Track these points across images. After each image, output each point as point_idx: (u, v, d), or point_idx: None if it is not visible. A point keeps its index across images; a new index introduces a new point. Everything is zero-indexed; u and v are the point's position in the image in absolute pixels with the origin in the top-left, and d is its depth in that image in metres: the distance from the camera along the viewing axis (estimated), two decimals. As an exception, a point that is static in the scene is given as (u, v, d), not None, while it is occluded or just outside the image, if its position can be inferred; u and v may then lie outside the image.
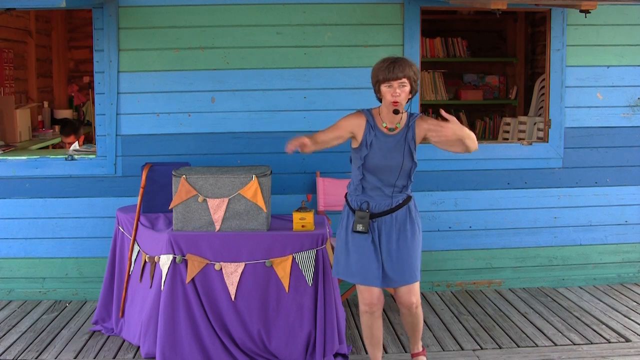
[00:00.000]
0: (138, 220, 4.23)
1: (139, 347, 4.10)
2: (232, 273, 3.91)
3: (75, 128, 6.43)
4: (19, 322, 4.65)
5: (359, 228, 3.51)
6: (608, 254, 5.38)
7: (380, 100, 3.52)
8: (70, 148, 5.33)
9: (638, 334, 4.38)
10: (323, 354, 3.89)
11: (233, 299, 3.92)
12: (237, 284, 3.90)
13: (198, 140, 4.99)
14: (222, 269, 3.91)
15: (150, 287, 4.03)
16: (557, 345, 4.22)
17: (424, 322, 4.28)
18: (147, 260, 4.08)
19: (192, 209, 3.97)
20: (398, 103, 3.40)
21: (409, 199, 3.59)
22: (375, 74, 3.45)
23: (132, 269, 4.27)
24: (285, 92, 5.00)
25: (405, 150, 3.50)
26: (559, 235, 5.32)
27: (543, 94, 5.89)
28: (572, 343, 4.25)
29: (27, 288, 5.08)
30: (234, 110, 4.98)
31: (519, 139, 6.32)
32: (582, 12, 4.53)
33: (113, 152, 4.95)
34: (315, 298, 3.92)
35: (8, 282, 5.07)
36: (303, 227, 3.98)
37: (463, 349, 4.18)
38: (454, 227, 5.22)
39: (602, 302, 5.01)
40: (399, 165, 3.50)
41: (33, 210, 5.00)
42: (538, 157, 5.23)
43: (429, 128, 3.46)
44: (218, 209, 3.95)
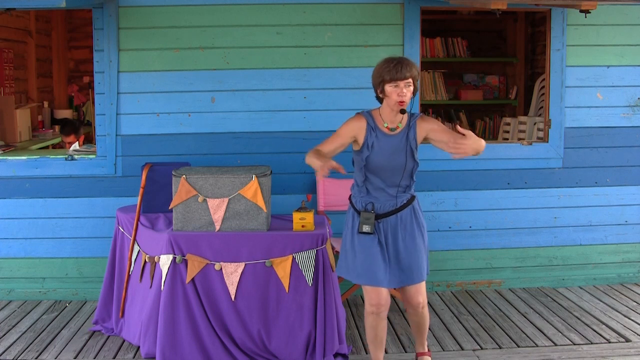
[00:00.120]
0: (138, 220, 4.23)
1: (139, 347, 4.10)
2: (232, 273, 3.90)
3: (76, 128, 6.43)
4: (19, 322, 4.65)
5: (365, 229, 3.50)
6: (608, 254, 5.38)
7: (381, 101, 3.51)
8: (71, 148, 5.33)
9: (638, 334, 4.38)
10: (323, 354, 3.89)
11: (233, 299, 3.91)
12: (237, 284, 3.90)
13: (198, 140, 4.99)
14: (222, 269, 3.91)
15: (150, 287, 4.03)
16: (557, 345, 4.22)
17: (425, 322, 4.29)
18: (147, 260, 4.08)
19: (192, 209, 3.96)
20: (404, 102, 3.40)
21: (413, 199, 3.59)
22: (380, 74, 3.42)
23: (132, 269, 4.27)
24: (285, 92, 4.99)
25: (407, 150, 3.50)
26: (559, 235, 5.32)
27: (543, 94, 5.89)
28: (572, 343, 4.25)
29: (27, 288, 5.08)
30: (234, 110, 4.98)
31: (519, 139, 6.32)
32: (582, 12, 4.53)
33: (113, 152, 4.95)
34: (315, 298, 3.92)
35: (8, 282, 5.07)
36: (303, 227, 3.97)
37: (463, 349, 4.18)
38: (454, 227, 5.22)
39: (602, 302, 5.01)
40: (402, 165, 3.49)
41: (33, 210, 5.00)
42: (538, 157, 5.22)
43: (440, 139, 3.43)
44: (218, 209, 3.95)
